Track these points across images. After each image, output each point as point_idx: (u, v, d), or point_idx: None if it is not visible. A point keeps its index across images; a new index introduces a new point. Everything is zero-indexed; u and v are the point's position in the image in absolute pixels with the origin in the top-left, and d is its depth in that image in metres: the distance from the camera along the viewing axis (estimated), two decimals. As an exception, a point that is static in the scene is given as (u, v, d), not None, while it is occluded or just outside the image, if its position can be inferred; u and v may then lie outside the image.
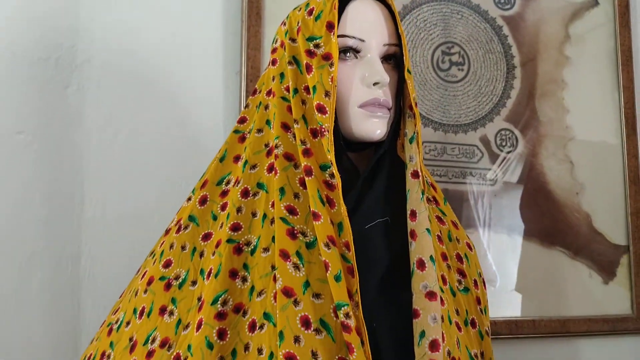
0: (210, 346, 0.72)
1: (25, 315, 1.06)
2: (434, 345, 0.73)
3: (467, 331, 0.87)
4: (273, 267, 0.76)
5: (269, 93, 0.87)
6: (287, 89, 0.84)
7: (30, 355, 1.05)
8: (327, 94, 0.80)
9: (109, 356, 0.83)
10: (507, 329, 1.36)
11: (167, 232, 0.87)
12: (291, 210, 0.78)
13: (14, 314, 1.05)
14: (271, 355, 0.71)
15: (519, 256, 1.39)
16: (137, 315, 0.82)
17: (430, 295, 0.76)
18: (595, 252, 1.44)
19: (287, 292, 0.73)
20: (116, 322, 0.86)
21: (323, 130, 0.79)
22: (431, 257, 0.78)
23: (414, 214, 0.81)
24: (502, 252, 1.38)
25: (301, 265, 0.75)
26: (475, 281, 0.92)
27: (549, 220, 1.43)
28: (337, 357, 0.71)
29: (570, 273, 1.42)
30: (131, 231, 1.11)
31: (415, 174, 0.83)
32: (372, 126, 0.83)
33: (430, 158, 1.39)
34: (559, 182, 1.45)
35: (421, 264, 0.78)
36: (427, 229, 0.80)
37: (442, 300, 0.79)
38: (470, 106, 1.43)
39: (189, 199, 0.87)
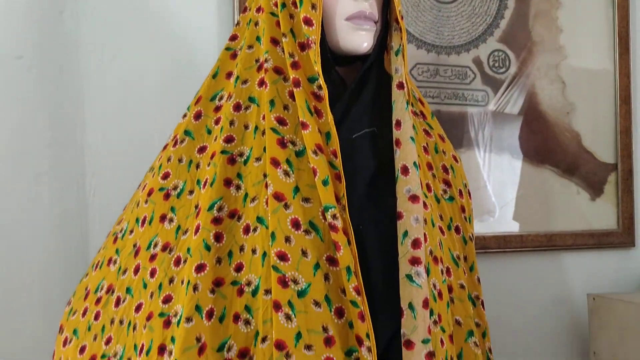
0: (207, 248, 0.78)
1: (37, 231, 1.12)
2: (415, 244, 0.79)
3: (450, 235, 0.92)
4: (265, 175, 0.80)
5: (258, 10, 0.89)
6: (276, 4, 0.86)
7: (44, 265, 1.12)
8: (313, 6, 0.82)
9: (115, 261, 0.89)
10: (495, 243, 1.42)
11: (165, 147, 0.92)
12: (281, 121, 0.82)
13: (26, 230, 1.11)
14: (264, 254, 0.77)
15: (509, 174, 1.43)
16: (140, 224, 0.88)
17: (413, 198, 0.81)
18: (584, 170, 1.49)
19: (278, 197, 0.78)
20: (120, 232, 0.91)
21: (310, 42, 0.81)
22: (415, 163, 0.82)
23: (398, 123, 0.85)
24: (492, 170, 1.43)
25: (291, 172, 0.79)
26: (460, 191, 0.97)
27: (540, 140, 1.46)
28: (325, 255, 0.77)
29: (558, 190, 1.47)
30: (132, 151, 1.16)
31: (401, 85, 0.86)
32: (359, 39, 0.86)
33: (423, 80, 1.41)
34: (550, 102, 1.47)
35: (405, 170, 0.82)
36: (412, 137, 0.84)
37: (425, 204, 0.84)
38: (463, 27, 1.44)
39: (185, 115, 0.91)
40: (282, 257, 0.75)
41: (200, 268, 0.77)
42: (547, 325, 1.41)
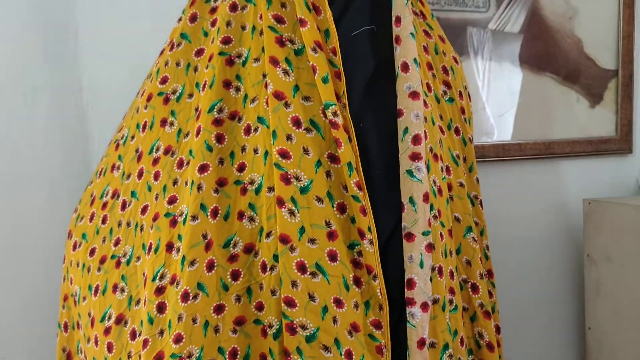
0: (209, 149, 0.78)
1: (37, 146, 1.12)
2: (416, 140, 0.79)
3: (450, 135, 0.93)
4: (264, 75, 0.80)
5: None
6: None
7: (49, 178, 1.13)
8: None
9: (118, 167, 0.90)
10: (494, 152, 1.43)
11: (162, 52, 0.90)
12: (279, 19, 0.80)
13: (27, 145, 1.11)
14: (266, 153, 0.77)
15: (508, 82, 1.42)
16: (141, 129, 0.88)
17: (413, 95, 0.80)
18: (584, 77, 1.47)
19: (278, 96, 0.77)
20: (122, 138, 0.92)
21: None
22: (415, 60, 0.82)
23: (398, 19, 0.83)
24: (492, 77, 1.41)
25: (290, 70, 0.78)
26: (460, 92, 0.97)
27: (541, 46, 1.44)
28: (326, 153, 0.78)
29: (558, 98, 1.46)
30: (127, 60, 1.14)
31: None
32: None
33: (423, -15, 1.37)
34: (552, 7, 1.44)
35: (405, 67, 0.81)
36: (411, 33, 0.82)
37: (425, 103, 0.84)
38: None
39: (180, 19, 0.89)
40: (284, 154, 0.76)
41: (203, 168, 0.78)
42: (543, 231, 1.44)
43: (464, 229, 0.91)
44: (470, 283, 0.91)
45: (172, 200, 0.80)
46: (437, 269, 0.80)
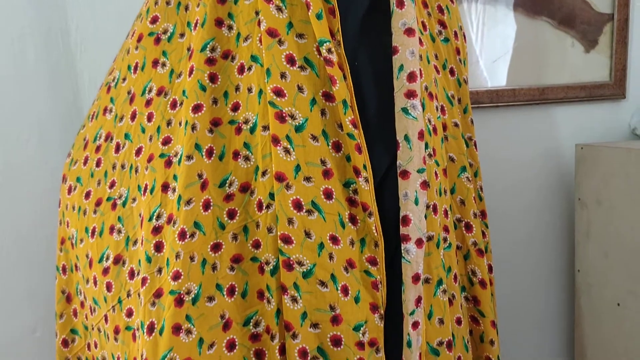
0: (203, 88, 0.78)
1: (26, 90, 1.10)
2: (411, 77, 0.79)
3: (445, 75, 0.92)
4: (257, 13, 0.78)
5: None
6: None
7: (39, 124, 1.12)
8: None
9: (110, 110, 0.89)
10: (488, 98, 1.42)
11: None
12: None
13: (16, 90, 1.09)
14: (260, 92, 0.77)
15: (503, 26, 1.41)
16: (132, 71, 0.86)
17: (409, 31, 0.79)
18: (579, 21, 1.46)
19: (272, 33, 0.76)
20: (113, 81, 0.90)
21: None
22: None
23: (393, -46, 0.81)
24: (486, 23, 1.40)
25: (283, 7, 0.77)
26: (455, 33, 0.95)
27: (536, -11, 1.42)
28: (321, 91, 0.77)
29: (553, 43, 1.45)
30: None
31: None
32: None
33: None
34: (549, -52, 1.41)
35: (400, 3, 0.80)
36: None
37: (420, 40, 0.83)
38: None
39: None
40: (279, 92, 0.75)
41: (197, 108, 0.77)
42: (536, 176, 1.46)
43: (458, 169, 0.91)
44: (464, 222, 0.92)
45: (166, 141, 0.79)
46: (431, 206, 0.81)
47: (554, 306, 1.49)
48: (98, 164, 0.88)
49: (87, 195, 0.88)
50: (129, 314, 0.79)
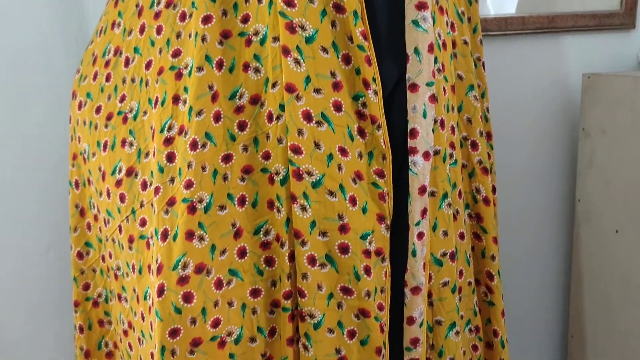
0: None
1: (31, 15, 1.09)
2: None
3: None
4: None
5: None
6: None
7: (44, 37, 1.11)
8: None
9: (119, 24, 0.88)
10: (496, 26, 1.41)
11: None
12: None
13: (20, 10, 1.09)
14: (270, 2, 0.76)
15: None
16: None
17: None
18: (593, -54, 1.42)
19: None
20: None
21: None
22: None
23: None
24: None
25: None
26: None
27: None
28: (332, 2, 0.76)
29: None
30: None
31: None
32: None
33: None
34: None
35: None
36: None
37: None
38: None
39: None
40: (289, 3, 0.74)
41: (206, 19, 0.77)
42: (542, 106, 1.46)
43: (466, 87, 0.92)
44: (470, 140, 0.93)
45: (176, 54, 0.79)
46: (439, 121, 0.82)
47: (552, 235, 1.52)
48: (108, 79, 0.88)
49: (98, 110, 0.88)
50: (143, 223, 0.81)
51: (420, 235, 0.81)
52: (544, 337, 1.54)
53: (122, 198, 0.84)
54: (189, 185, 0.75)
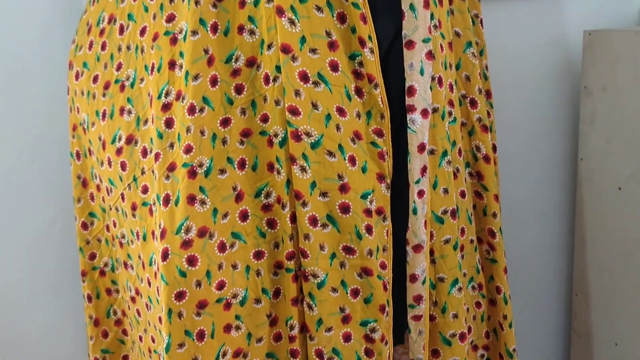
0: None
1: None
2: None
3: None
4: None
5: None
6: None
7: (35, 22, 1.11)
8: None
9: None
10: (495, -15, 1.39)
11: None
12: None
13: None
14: None
15: None
16: None
17: None
18: None
19: None
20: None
21: None
22: None
23: None
24: None
25: None
26: None
27: None
28: None
29: None
30: None
31: None
32: None
33: None
34: None
35: None
36: None
37: None
38: None
39: None
40: None
41: None
42: (542, 65, 1.44)
43: (463, 44, 0.91)
44: (469, 98, 0.93)
45: (170, 18, 0.79)
46: (437, 78, 0.82)
47: (554, 196, 1.52)
48: (103, 47, 0.88)
49: (95, 79, 0.88)
50: (145, 190, 0.82)
51: (421, 194, 0.81)
52: (548, 297, 1.55)
53: (123, 166, 0.84)
54: (188, 150, 0.75)
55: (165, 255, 0.75)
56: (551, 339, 1.56)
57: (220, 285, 0.78)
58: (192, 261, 0.75)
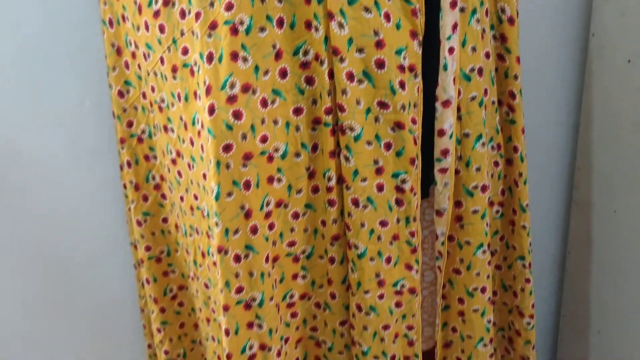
0: None
1: None
2: None
3: None
4: None
5: None
6: None
7: None
8: None
9: None
10: None
11: None
12: None
13: None
14: None
15: None
16: None
17: None
18: None
19: None
20: None
21: None
22: None
23: None
24: None
25: None
26: None
27: None
28: None
29: None
30: None
31: None
32: None
33: None
34: None
35: None
36: None
37: None
38: None
39: None
40: None
41: None
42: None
43: None
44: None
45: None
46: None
47: (565, 70, 1.55)
48: None
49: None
50: (185, 52, 0.85)
51: (451, 50, 0.85)
52: (551, 170, 1.63)
53: (161, 29, 0.86)
54: (229, 7, 0.77)
55: (211, 110, 0.79)
56: (553, 212, 1.65)
57: (264, 139, 0.83)
58: (237, 115, 0.80)
